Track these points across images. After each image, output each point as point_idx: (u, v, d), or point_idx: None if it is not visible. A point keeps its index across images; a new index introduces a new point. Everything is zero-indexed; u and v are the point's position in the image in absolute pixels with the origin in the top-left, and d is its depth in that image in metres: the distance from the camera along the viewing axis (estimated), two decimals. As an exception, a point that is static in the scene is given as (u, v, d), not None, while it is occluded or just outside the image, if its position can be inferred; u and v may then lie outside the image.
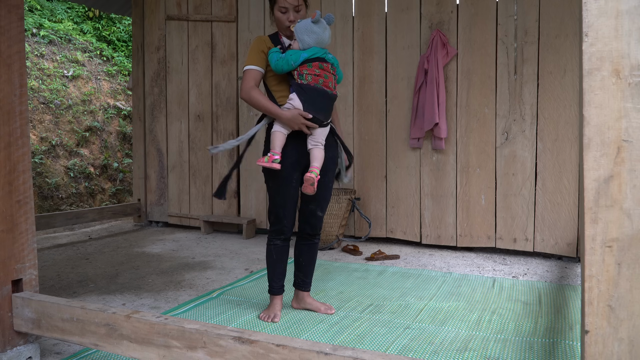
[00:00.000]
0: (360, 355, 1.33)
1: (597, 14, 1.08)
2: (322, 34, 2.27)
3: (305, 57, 2.25)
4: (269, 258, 2.46)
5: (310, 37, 2.26)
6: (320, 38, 2.27)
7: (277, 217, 2.39)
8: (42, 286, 2.95)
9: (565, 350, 2.05)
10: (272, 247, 2.45)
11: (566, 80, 3.50)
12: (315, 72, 2.26)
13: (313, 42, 2.27)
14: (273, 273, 2.46)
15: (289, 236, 2.45)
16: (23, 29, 1.92)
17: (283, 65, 2.26)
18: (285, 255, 2.47)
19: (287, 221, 2.39)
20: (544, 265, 3.47)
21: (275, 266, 2.45)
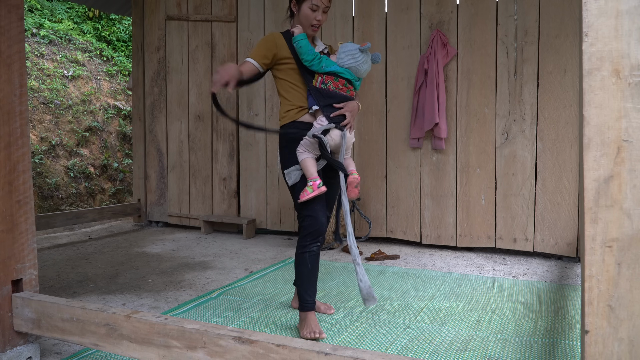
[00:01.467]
0: (360, 355, 1.33)
1: (597, 14, 1.08)
2: (361, 65, 2.24)
3: (338, 70, 2.23)
4: (304, 268, 2.21)
5: (349, 61, 2.23)
6: (357, 67, 2.24)
7: (314, 219, 2.19)
8: (42, 286, 2.95)
9: (565, 350, 2.05)
10: (307, 254, 2.20)
11: (566, 80, 3.50)
12: (339, 86, 2.24)
13: (349, 65, 2.23)
14: (308, 285, 2.22)
15: (323, 240, 2.27)
16: (23, 29, 1.92)
17: (315, 61, 2.22)
18: (318, 263, 2.26)
19: (323, 220, 2.22)
20: (544, 265, 3.47)
21: (310, 277, 2.22)
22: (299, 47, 2.22)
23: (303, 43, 2.22)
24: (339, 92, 2.24)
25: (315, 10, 2.22)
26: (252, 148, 4.63)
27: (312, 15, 2.22)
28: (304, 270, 2.21)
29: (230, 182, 4.73)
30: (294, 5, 2.27)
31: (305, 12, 2.23)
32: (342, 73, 2.24)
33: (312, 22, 2.24)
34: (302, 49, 2.22)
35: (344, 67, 2.24)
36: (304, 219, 2.21)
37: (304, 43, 2.22)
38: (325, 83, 2.24)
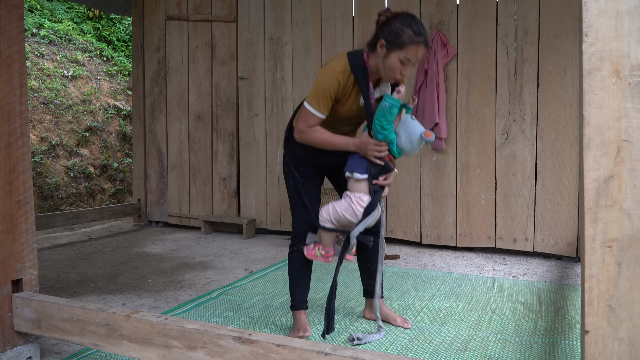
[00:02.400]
0: (360, 355, 1.33)
1: (597, 14, 1.08)
2: (414, 151, 2.02)
3: (394, 150, 2.01)
4: (292, 266, 2.20)
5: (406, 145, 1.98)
6: (409, 152, 2.02)
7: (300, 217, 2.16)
8: (42, 286, 2.95)
9: (565, 350, 2.05)
10: (294, 253, 2.17)
11: (566, 80, 3.50)
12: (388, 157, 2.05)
13: (402, 148, 1.99)
14: (297, 284, 2.20)
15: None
16: (23, 29, 1.92)
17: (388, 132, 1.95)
18: (308, 262, 2.20)
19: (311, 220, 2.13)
20: (544, 265, 3.47)
21: (299, 276, 2.20)
22: (388, 112, 1.91)
23: (395, 111, 1.92)
24: (389, 163, 2.03)
25: (404, 64, 1.92)
26: (252, 148, 4.63)
27: (399, 68, 1.92)
28: (292, 268, 2.20)
29: (230, 182, 4.73)
30: (382, 46, 1.92)
31: (393, 62, 1.91)
32: (395, 154, 2.01)
33: (396, 75, 1.94)
34: (388, 119, 1.92)
35: (398, 145, 1.99)
36: (293, 218, 2.20)
37: (395, 111, 1.93)
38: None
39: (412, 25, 1.88)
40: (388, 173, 2.03)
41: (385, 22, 1.94)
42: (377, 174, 2.01)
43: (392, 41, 1.89)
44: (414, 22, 1.89)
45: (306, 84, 4.34)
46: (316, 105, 1.97)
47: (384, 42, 1.91)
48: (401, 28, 1.88)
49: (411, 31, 1.87)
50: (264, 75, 4.53)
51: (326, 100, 1.97)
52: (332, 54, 4.22)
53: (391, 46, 1.90)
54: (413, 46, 1.88)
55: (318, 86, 1.97)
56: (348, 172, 2.05)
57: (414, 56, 1.90)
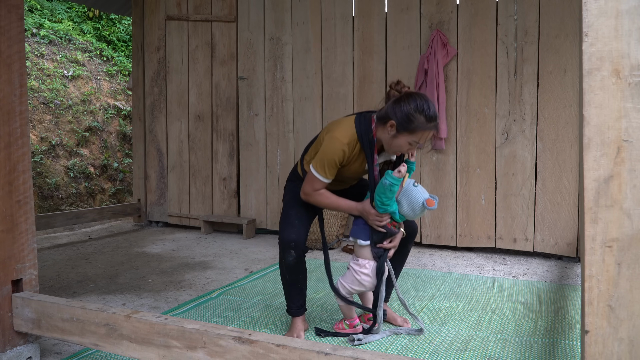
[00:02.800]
0: (360, 355, 1.33)
1: (597, 14, 1.08)
2: (416, 217, 2.04)
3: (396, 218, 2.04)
4: (282, 278, 2.20)
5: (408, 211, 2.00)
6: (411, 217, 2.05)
7: (281, 231, 2.14)
8: (42, 286, 2.95)
9: (565, 350, 2.05)
10: (283, 265, 2.15)
11: (566, 80, 3.50)
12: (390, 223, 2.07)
13: (405, 214, 2.02)
14: (291, 294, 2.20)
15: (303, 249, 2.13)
16: (23, 29, 1.92)
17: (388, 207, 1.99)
18: (298, 273, 2.16)
19: (292, 236, 2.10)
20: (544, 265, 3.47)
21: (291, 286, 2.20)
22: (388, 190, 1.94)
23: (395, 189, 1.95)
24: (391, 229, 2.06)
25: (413, 146, 1.96)
26: (252, 148, 4.63)
27: (406, 148, 1.96)
28: (283, 281, 2.19)
29: (230, 182, 4.73)
30: (392, 126, 1.93)
31: (402, 143, 1.94)
32: (397, 219, 2.04)
33: (402, 153, 2.01)
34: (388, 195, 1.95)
35: (400, 212, 2.02)
36: (279, 232, 2.15)
37: (395, 189, 1.95)
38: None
39: (424, 111, 1.88)
40: (392, 236, 2.08)
41: (397, 102, 1.94)
42: (381, 239, 2.07)
43: (403, 125, 1.90)
44: (426, 106, 1.89)
45: (306, 84, 4.35)
46: (322, 173, 2.01)
47: (395, 123, 1.91)
48: (413, 114, 1.88)
49: (423, 117, 1.88)
50: (264, 75, 4.53)
51: (332, 168, 2.01)
52: (332, 54, 4.23)
53: (402, 129, 1.91)
54: (424, 132, 1.91)
55: (325, 154, 1.99)
56: (352, 237, 2.13)
57: (423, 139, 1.93)
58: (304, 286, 2.21)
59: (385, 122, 1.96)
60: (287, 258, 2.10)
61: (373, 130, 2.01)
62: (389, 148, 2.00)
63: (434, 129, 1.93)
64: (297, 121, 4.41)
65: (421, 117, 1.88)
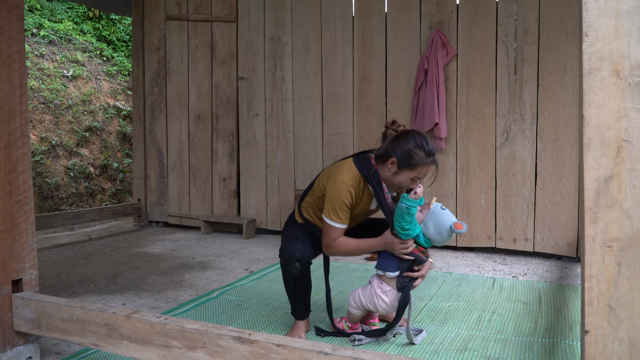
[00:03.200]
0: (360, 355, 1.33)
1: (597, 14, 1.08)
2: (443, 241, 1.99)
3: (421, 242, 1.99)
4: (286, 287, 2.18)
5: (435, 235, 1.96)
6: (438, 242, 1.99)
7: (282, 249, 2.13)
8: (42, 286, 2.95)
9: (565, 350, 2.05)
10: (287, 276, 2.13)
11: (566, 80, 3.50)
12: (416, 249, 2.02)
13: (432, 238, 1.97)
14: (297, 300, 2.19)
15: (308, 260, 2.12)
16: (23, 29, 1.92)
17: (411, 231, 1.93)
18: (302, 281, 2.14)
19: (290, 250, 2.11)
20: (544, 265, 3.47)
21: (296, 294, 2.18)
22: (406, 213, 1.88)
23: (413, 211, 1.89)
24: (420, 256, 2.01)
25: (414, 181, 1.99)
26: (252, 148, 4.63)
27: (408, 184, 2.00)
28: (287, 289, 2.17)
29: (230, 182, 4.73)
30: (392, 163, 1.98)
31: (403, 180, 1.99)
32: (424, 244, 1.99)
33: (404, 188, 2.03)
34: (407, 219, 1.90)
35: (426, 235, 1.97)
36: (282, 245, 2.16)
37: (413, 211, 1.89)
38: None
39: (423, 147, 1.94)
40: (421, 264, 2.03)
41: (396, 140, 1.99)
42: (409, 268, 2.02)
43: (404, 161, 1.95)
44: (424, 142, 1.95)
45: (306, 84, 4.35)
46: (337, 219, 2.02)
47: (396, 160, 1.97)
48: (413, 150, 1.94)
49: (423, 153, 1.94)
50: (264, 75, 4.53)
51: (344, 211, 2.02)
52: (332, 54, 4.23)
53: (402, 166, 1.96)
54: (424, 167, 1.95)
55: (334, 201, 2.01)
56: (380, 271, 2.06)
57: (423, 174, 1.97)
58: (308, 292, 2.19)
59: (385, 160, 2.01)
60: (291, 270, 2.08)
61: (374, 166, 2.04)
62: (391, 185, 2.04)
63: (433, 163, 1.98)
64: (297, 121, 4.41)
65: (421, 152, 1.94)
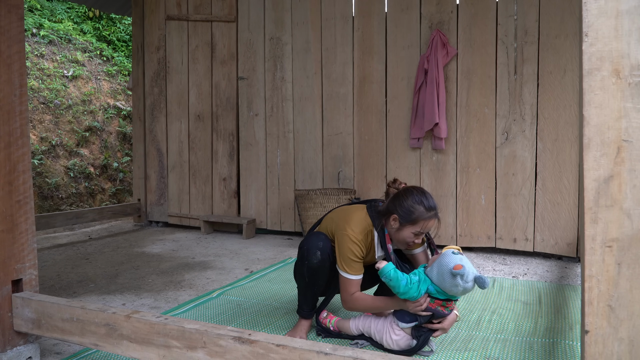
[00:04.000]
0: (360, 355, 1.33)
1: (597, 14, 1.08)
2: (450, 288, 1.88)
3: (432, 292, 1.91)
4: (300, 281, 2.20)
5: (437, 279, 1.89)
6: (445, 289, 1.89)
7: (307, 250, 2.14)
8: (42, 286, 2.95)
9: (565, 350, 2.05)
10: (304, 268, 2.14)
11: (566, 80, 3.50)
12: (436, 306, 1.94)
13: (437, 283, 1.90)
14: (304, 297, 2.20)
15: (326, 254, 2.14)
16: (23, 29, 1.92)
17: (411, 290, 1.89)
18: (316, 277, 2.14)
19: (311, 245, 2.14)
20: (544, 265, 3.47)
21: (305, 290, 2.19)
22: (389, 280, 1.89)
23: (393, 275, 1.88)
24: (439, 310, 1.93)
25: (417, 236, 2.01)
26: (252, 148, 4.63)
27: (411, 239, 2.01)
28: (299, 283, 2.19)
29: (230, 182, 4.73)
30: (395, 219, 2.00)
31: (406, 235, 2.01)
32: (436, 295, 1.91)
33: (409, 244, 2.05)
34: (393, 282, 1.89)
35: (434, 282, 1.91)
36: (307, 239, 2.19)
37: (394, 275, 1.88)
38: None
39: (423, 202, 1.99)
40: (441, 317, 1.99)
41: (397, 196, 2.04)
42: (428, 320, 1.97)
43: (405, 217, 1.99)
44: (424, 197, 2.00)
45: (306, 84, 4.35)
46: (351, 271, 2.04)
47: (397, 217, 2.00)
48: (413, 205, 1.98)
49: (423, 208, 1.98)
50: (264, 75, 4.53)
51: (356, 263, 2.05)
52: (332, 54, 4.23)
53: (404, 221, 1.99)
54: (425, 221, 1.98)
55: (345, 255, 2.04)
56: (397, 321, 2.02)
57: (428, 228, 2.00)
58: (319, 291, 2.18)
59: (388, 217, 2.05)
60: (311, 259, 2.10)
61: (384, 223, 2.06)
62: (396, 241, 2.07)
63: (434, 217, 2.00)
64: (297, 121, 4.41)
65: (420, 207, 1.98)
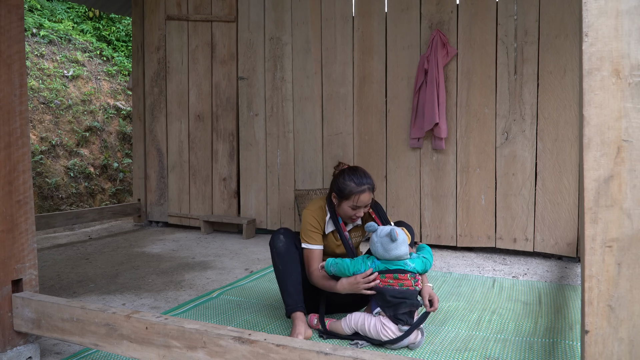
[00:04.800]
0: (360, 355, 1.33)
1: (597, 14, 1.08)
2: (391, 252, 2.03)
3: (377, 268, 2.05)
4: (275, 269, 2.29)
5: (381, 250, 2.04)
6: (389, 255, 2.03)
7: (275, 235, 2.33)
8: (42, 286, 2.95)
9: (565, 350, 2.05)
10: (275, 255, 2.26)
11: (566, 80, 3.50)
12: (389, 282, 2.03)
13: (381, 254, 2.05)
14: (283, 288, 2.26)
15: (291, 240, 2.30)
16: (23, 29, 1.92)
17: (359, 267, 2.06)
18: (287, 264, 2.25)
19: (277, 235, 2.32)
20: (544, 265, 3.47)
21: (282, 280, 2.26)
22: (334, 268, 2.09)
23: (334, 268, 2.10)
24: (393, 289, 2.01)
25: (355, 209, 2.21)
26: (252, 148, 4.63)
27: (352, 213, 2.23)
28: (277, 275, 2.27)
29: (230, 182, 4.73)
30: (334, 197, 2.26)
31: (345, 209, 2.23)
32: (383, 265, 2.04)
33: (352, 217, 2.25)
34: (339, 267, 2.08)
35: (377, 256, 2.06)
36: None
37: (335, 268, 2.10)
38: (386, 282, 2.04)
39: (353, 179, 2.19)
40: (414, 306, 2.05)
41: (334, 177, 2.28)
42: (399, 309, 2.01)
43: (340, 194, 2.22)
44: (354, 175, 2.20)
45: (306, 84, 4.35)
46: (310, 240, 2.26)
47: (335, 194, 2.25)
48: (344, 182, 2.20)
49: (353, 183, 2.18)
50: (264, 75, 4.53)
51: (314, 233, 2.27)
52: (332, 54, 4.23)
53: (340, 198, 2.23)
54: (357, 195, 2.18)
55: (303, 226, 2.29)
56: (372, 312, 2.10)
57: (362, 202, 2.19)
58: (298, 280, 2.23)
59: (330, 195, 2.30)
60: (276, 244, 2.24)
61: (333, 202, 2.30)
62: (342, 217, 2.28)
63: (365, 190, 2.18)
64: (297, 121, 4.41)
65: (351, 183, 2.18)
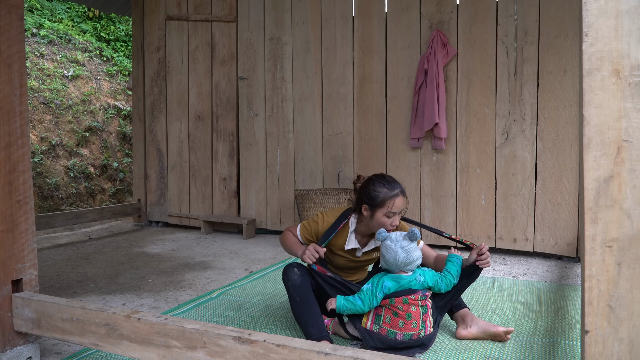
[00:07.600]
0: (360, 356, 1.33)
1: (597, 14, 1.08)
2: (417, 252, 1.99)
3: (388, 290, 1.95)
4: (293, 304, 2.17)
5: (394, 259, 1.96)
6: (416, 257, 1.98)
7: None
8: (42, 286, 2.95)
9: (565, 350, 2.05)
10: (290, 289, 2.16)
11: (566, 80, 3.50)
12: (397, 308, 1.95)
13: (390, 263, 1.98)
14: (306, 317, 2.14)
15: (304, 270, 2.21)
16: (23, 29, 1.92)
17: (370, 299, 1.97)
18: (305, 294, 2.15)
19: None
20: (544, 265, 3.47)
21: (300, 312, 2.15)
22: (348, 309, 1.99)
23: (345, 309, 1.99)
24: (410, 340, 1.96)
25: (390, 217, 2.10)
26: (252, 148, 4.63)
27: (387, 222, 2.10)
28: (293, 307, 2.16)
29: (230, 182, 4.73)
30: (365, 209, 2.14)
31: (381, 219, 2.10)
32: (395, 287, 1.94)
33: (388, 228, 2.11)
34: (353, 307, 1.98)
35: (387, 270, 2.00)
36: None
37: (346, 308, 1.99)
38: (379, 317, 1.98)
39: (384, 185, 2.12)
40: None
41: (361, 188, 2.19)
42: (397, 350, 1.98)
43: (372, 203, 2.12)
44: (384, 181, 2.14)
45: (306, 84, 4.35)
46: (301, 228, 2.29)
47: (367, 205, 2.14)
48: (375, 190, 2.12)
49: (385, 189, 2.11)
50: (264, 75, 4.53)
51: (308, 226, 2.27)
52: (332, 54, 4.23)
53: (373, 207, 2.12)
54: (392, 200, 2.10)
55: (310, 223, 2.29)
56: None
57: (397, 207, 2.10)
58: (317, 311, 2.11)
59: (359, 208, 2.19)
60: (292, 277, 2.14)
61: (348, 218, 2.25)
62: (375, 228, 2.15)
63: (398, 195, 2.11)
64: (297, 121, 4.41)
65: (383, 189, 2.11)
